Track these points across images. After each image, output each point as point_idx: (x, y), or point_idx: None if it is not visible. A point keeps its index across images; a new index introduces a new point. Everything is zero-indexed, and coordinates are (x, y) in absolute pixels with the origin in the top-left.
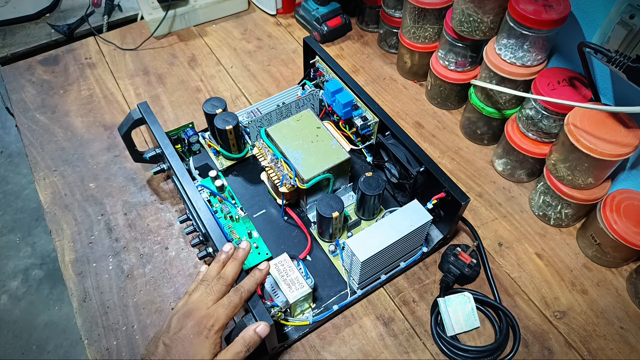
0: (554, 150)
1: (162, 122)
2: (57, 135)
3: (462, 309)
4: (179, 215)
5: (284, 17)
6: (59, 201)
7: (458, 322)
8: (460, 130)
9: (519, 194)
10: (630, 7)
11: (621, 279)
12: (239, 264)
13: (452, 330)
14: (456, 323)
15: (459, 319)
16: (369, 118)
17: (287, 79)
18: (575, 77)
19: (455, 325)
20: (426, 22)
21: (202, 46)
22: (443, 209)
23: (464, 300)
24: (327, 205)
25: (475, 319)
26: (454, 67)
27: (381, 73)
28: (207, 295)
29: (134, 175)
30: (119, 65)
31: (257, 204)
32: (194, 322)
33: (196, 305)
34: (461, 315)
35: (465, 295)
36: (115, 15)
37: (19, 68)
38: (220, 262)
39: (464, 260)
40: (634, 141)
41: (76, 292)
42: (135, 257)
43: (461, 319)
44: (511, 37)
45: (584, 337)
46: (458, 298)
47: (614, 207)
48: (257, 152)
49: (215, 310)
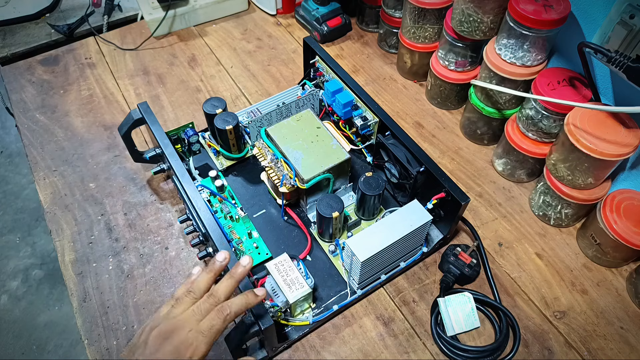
0: (554, 150)
1: (162, 122)
2: (57, 135)
3: (462, 309)
4: (179, 215)
5: (284, 17)
6: (59, 201)
7: (458, 322)
8: (460, 130)
9: (519, 194)
10: (630, 7)
11: (621, 279)
12: (235, 283)
13: (452, 330)
14: (456, 323)
15: (459, 319)
16: (369, 118)
17: (287, 79)
18: (575, 77)
19: (455, 325)
20: (426, 22)
21: (202, 46)
22: (443, 209)
23: (464, 301)
24: (327, 205)
25: (475, 319)
26: (454, 67)
27: (381, 73)
28: (192, 315)
29: (134, 175)
30: (119, 65)
31: (257, 204)
32: (172, 347)
33: (178, 324)
34: (461, 315)
35: (465, 296)
36: (115, 15)
37: (19, 68)
38: (212, 274)
39: (464, 260)
40: (634, 141)
41: (76, 292)
42: (135, 257)
43: (461, 319)
44: (511, 37)
45: (584, 337)
46: (458, 298)
47: (614, 207)
48: (257, 152)
49: (195, 338)
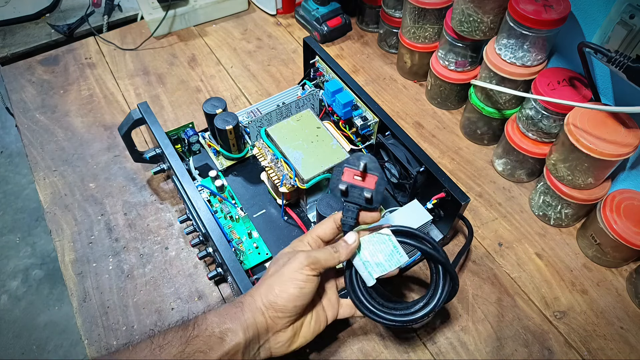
0: (554, 150)
1: (162, 122)
2: (57, 135)
3: (382, 250)
4: (179, 215)
5: (284, 17)
6: (59, 201)
7: (379, 265)
8: (460, 130)
9: (519, 194)
10: (630, 7)
11: (621, 279)
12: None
13: (371, 279)
14: (377, 266)
15: (379, 261)
16: (369, 118)
17: (287, 79)
18: (575, 77)
19: (376, 268)
20: (426, 22)
21: (202, 46)
22: (443, 209)
23: (381, 240)
24: (327, 205)
25: (401, 255)
26: (454, 67)
27: (381, 73)
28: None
29: (134, 175)
30: (119, 65)
31: (257, 204)
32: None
33: None
34: (382, 258)
35: (383, 234)
36: (115, 15)
37: (19, 68)
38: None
39: (359, 184)
40: (634, 141)
41: (76, 292)
42: (135, 257)
43: (382, 260)
44: (511, 37)
45: (584, 337)
46: (373, 239)
47: (614, 207)
48: (257, 152)
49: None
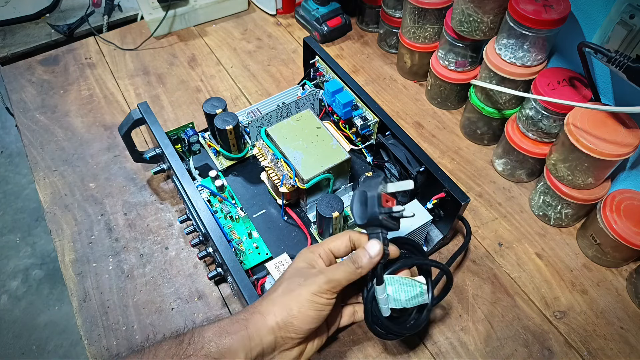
0: (554, 150)
1: (162, 122)
2: (57, 135)
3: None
4: (179, 215)
5: (284, 17)
6: (59, 201)
7: (397, 302)
8: (460, 130)
9: (519, 194)
10: (630, 7)
11: (621, 279)
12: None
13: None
14: (395, 302)
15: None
16: (369, 118)
17: (287, 79)
18: (575, 77)
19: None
20: (426, 22)
21: (202, 46)
22: (443, 209)
23: (411, 283)
24: (327, 205)
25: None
26: (454, 67)
27: (381, 73)
28: None
29: (134, 175)
30: (119, 65)
31: (257, 204)
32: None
33: None
34: (403, 297)
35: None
36: (115, 15)
37: (19, 68)
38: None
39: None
40: (634, 141)
41: (76, 292)
42: (135, 257)
43: (403, 298)
44: (511, 37)
45: (584, 337)
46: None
47: (614, 207)
48: (257, 152)
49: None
